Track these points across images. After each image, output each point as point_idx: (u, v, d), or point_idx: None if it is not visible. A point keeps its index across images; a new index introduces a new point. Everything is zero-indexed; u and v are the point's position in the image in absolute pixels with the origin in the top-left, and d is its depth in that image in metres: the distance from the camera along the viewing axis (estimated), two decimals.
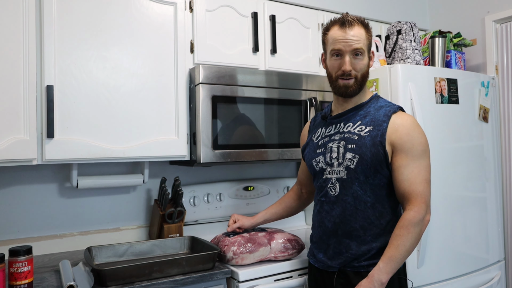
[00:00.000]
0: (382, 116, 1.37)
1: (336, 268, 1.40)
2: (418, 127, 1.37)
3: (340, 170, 1.39)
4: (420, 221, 1.30)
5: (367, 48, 1.40)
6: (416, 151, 1.33)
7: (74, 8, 1.63)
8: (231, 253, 1.59)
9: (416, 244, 1.32)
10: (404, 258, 1.30)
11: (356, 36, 1.36)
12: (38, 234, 1.86)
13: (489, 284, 2.10)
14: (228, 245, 1.62)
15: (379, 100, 1.45)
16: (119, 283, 1.41)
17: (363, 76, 1.40)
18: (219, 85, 1.81)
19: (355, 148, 1.36)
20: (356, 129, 1.39)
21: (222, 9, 1.96)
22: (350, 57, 1.37)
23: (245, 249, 1.59)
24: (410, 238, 1.28)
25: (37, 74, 1.56)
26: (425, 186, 1.32)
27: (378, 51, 2.18)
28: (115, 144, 1.69)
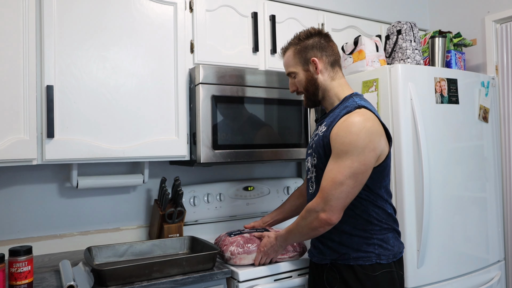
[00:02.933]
0: (338, 117, 1.40)
1: (328, 260, 1.45)
2: (351, 127, 1.34)
3: (313, 170, 1.49)
4: (312, 211, 1.37)
5: (298, 65, 1.51)
6: (336, 150, 1.35)
7: (74, 8, 1.63)
8: (229, 253, 1.61)
9: (306, 232, 1.42)
10: (299, 237, 1.48)
11: (285, 62, 1.57)
12: (38, 234, 1.86)
13: (489, 284, 2.10)
14: (227, 244, 1.64)
15: (348, 100, 1.45)
16: (119, 283, 1.41)
17: (306, 89, 1.51)
18: (219, 85, 1.81)
19: (314, 148, 1.47)
20: (320, 131, 1.47)
21: (222, 9, 1.96)
22: (290, 79, 1.57)
23: (243, 249, 1.60)
24: (302, 223, 1.41)
25: (37, 74, 1.56)
26: (329, 184, 1.33)
27: (378, 51, 2.17)
28: (115, 144, 1.69)
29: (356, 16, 2.39)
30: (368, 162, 1.34)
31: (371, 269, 1.39)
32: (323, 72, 1.49)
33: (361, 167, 1.33)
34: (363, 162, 1.33)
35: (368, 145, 1.33)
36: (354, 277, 1.39)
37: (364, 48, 2.13)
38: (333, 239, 1.45)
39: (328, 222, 1.34)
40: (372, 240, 1.40)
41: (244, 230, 1.72)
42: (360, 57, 2.13)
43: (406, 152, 1.83)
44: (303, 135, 2.03)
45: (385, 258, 1.40)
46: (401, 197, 1.82)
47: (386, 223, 1.43)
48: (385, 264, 1.40)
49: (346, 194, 1.33)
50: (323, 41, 1.50)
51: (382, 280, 1.38)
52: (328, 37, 1.53)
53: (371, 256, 1.39)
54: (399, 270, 1.45)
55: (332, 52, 1.51)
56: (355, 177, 1.33)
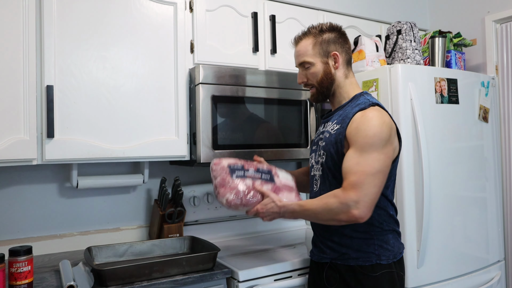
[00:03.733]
0: (351, 114, 1.39)
1: (328, 259, 1.45)
2: (370, 121, 1.33)
3: (318, 167, 1.48)
4: (344, 204, 1.28)
5: (317, 56, 1.46)
6: (360, 143, 1.32)
7: (74, 8, 1.63)
8: (225, 200, 1.45)
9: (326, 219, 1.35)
10: (313, 219, 1.41)
11: (300, 50, 1.50)
12: (38, 234, 1.86)
13: (489, 284, 2.10)
14: (225, 187, 1.46)
15: (359, 98, 1.45)
16: (119, 283, 1.41)
17: (320, 82, 1.47)
18: (219, 85, 1.81)
19: (325, 145, 1.44)
20: (330, 128, 1.45)
21: (222, 9, 1.96)
22: (301, 69, 1.51)
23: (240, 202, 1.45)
24: (327, 209, 1.32)
25: (37, 74, 1.56)
26: (360, 178, 1.28)
27: (378, 51, 2.18)
28: (115, 144, 1.69)
29: (356, 16, 2.39)
30: (390, 155, 1.35)
31: (371, 269, 1.38)
32: (340, 68, 1.48)
33: (386, 160, 1.32)
34: (388, 155, 1.33)
35: (389, 138, 1.34)
36: (354, 277, 1.39)
37: (364, 48, 2.13)
38: (333, 240, 1.45)
39: (357, 220, 1.29)
40: (372, 241, 1.40)
41: (248, 171, 1.52)
42: (360, 57, 2.13)
43: (406, 152, 1.83)
44: (303, 135, 2.03)
45: (385, 258, 1.40)
46: (401, 197, 1.82)
47: (387, 225, 1.43)
48: (385, 264, 1.39)
49: (378, 189, 1.30)
50: (343, 38, 1.51)
51: (382, 280, 1.38)
52: (346, 35, 1.53)
53: (371, 257, 1.39)
54: (399, 270, 1.44)
55: (349, 50, 1.52)
56: (383, 171, 1.31)
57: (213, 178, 1.52)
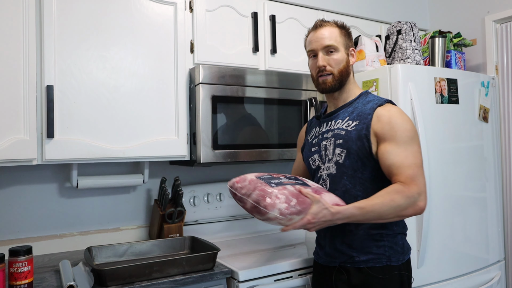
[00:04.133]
0: (368, 110, 1.39)
1: (337, 263, 1.41)
2: (401, 115, 1.37)
3: (330, 166, 1.42)
4: (410, 197, 1.27)
5: (342, 45, 1.44)
6: (400, 137, 1.32)
7: (74, 8, 1.63)
8: (277, 212, 1.21)
9: (391, 217, 1.29)
10: (376, 219, 1.29)
11: (326, 34, 1.44)
12: (38, 234, 1.86)
13: (489, 284, 2.10)
14: (271, 197, 1.22)
15: (368, 96, 1.46)
16: (119, 283, 1.41)
17: (341, 71, 1.43)
18: (219, 85, 1.81)
19: (343, 142, 1.39)
20: (344, 125, 1.42)
21: (222, 9, 1.96)
22: (323, 53, 1.44)
23: (293, 210, 1.22)
24: (392, 206, 1.26)
25: (37, 74, 1.56)
26: (415, 170, 1.30)
27: (378, 51, 2.18)
28: (115, 144, 1.69)
29: (356, 16, 2.39)
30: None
31: (381, 271, 1.36)
32: (353, 65, 1.50)
33: (421, 152, 1.36)
34: (420, 147, 1.37)
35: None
36: (363, 279, 1.36)
37: (364, 48, 2.13)
38: (343, 241, 1.41)
39: (421, 211, 1.30)
40: (383, 243, 1.38)
41: (280, 178, 1.35)
42: (360, 57, 2.13)
43: None
44: None
45: (395, 260, 1.38)
46: None
47: (397, 227, 1.41)
48: (395, 266, 1.37)
49: (425, 179, 1.33)
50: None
51: (391, 283, 1.36)
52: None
53: (381, 258, 1.37)
54: (408, 271, 1.42)
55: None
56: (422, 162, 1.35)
57: (243, 197, 1.27)
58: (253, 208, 1.25)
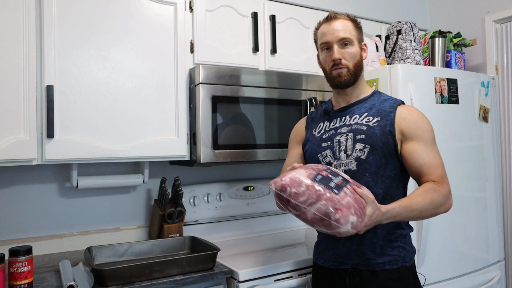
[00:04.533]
0: (388, 107, 1.36)
1: (349, 265, 1.35)
2: (424, 115, 1.38)
3: (349, 162, 1.34)
4: (445, 196, 1.28)
5: (356, 39, 1.40)
6: (428, 137, 1.33)
7: (74, 8, 1.63)
8: (350, 226, 1.08)
9: (428, 215, 1.27)
10: (416, 217, 1.25)
11: (341, 26, 1.39)
12: (38, 234, 1.86)
13: (489, 284, 2.10)
14: (341, 209, 1.08)
15: (381, 94, 1.45)
16: (119, 283, 1.41)
17: (355, 66, 1.39)
18: (219, 85, 1.81)
19: (365, 138, 1.33)
20: (364, 120, 1.37)
21: (222, 9, 1.96)
22: (338, 46, 1.38)
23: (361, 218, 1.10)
24: (432, 204, 1.25)
25: (37, 74, 1.56)
26: (444, 171, 1.32)
27: (378, 51, 2.18)
28: (115, 144, 1.69)
29: (356, 16, 2.39)
30: None
31: (397, 273, 1.32)
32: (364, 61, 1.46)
33: None
34: None
35: None
36: (378, 283, 1.31)
37: None
38: (361, 242, 1.33)
39: (449, 210, 1.32)
40: (397, 243, 1.34)
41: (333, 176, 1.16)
42: None
43: None
44: None
45: (408, 260, 1.35)
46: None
47: (408, 227, 1.40)
48: (408, 266, 1.35)
49: None
50: None
51: (406, 284, 1.33)
52: None
53: (397, 260, 1.33)
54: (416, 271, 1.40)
55: None
56: None
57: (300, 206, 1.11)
58: (318, 220, 1.09)
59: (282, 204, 1.16)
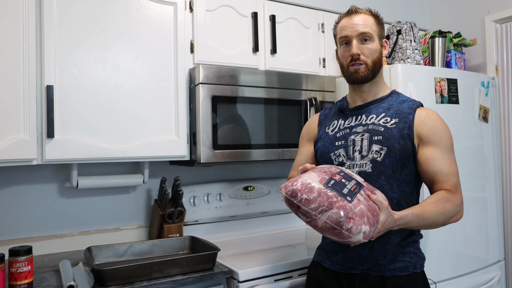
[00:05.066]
0: (406, 109, 1.32)
1: (359, 270, 1.30)
2: (443, 120, 1.33)
3: (363, 163, 1.30)
4: (458, 206, 1.24)
5: (377, 35, 1.36)
6: (446, 143, 1.28)
7: (74, 8, 1.63)
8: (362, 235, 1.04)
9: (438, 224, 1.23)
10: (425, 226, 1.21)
11: (361, 21, 1.35)
12: (38, 234, 1.86)
13: (489, 284, 2.10)
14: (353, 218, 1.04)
15: (400, 95, 1.40)
16: (119, 283, 1.41)
17: (374, 62, 1.34)
18: (219, 85, 1.81)
19: (382, 140, 1.29)
20: (381, 121, 1.32)
21: (222, 9, 1.96)
22: (357, 41, 1.33)
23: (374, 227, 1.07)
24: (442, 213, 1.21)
25: (37, 74, 1.56)
26: (458, 180, 1.28)
27: None
28: (115, 144, 1.69)
29: None
30: None
31: (407, 280, 1.28)
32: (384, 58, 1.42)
33: None
34: None
35: None
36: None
37: None
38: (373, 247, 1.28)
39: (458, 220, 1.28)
40: (408, 249, 1.31)
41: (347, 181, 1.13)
42: None
43: None
44: None
45: (419, 266, 1.32)
46: None
47: (419, 233, 1.36)
48: (419, 273, 1.31)
49: None
50: None
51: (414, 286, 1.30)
52: None
53: (408, 266, 1.29)
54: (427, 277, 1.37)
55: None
56: None
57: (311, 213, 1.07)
58: (329, 229, 1.05)
59: (292, 209, 1.12)
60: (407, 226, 1.19)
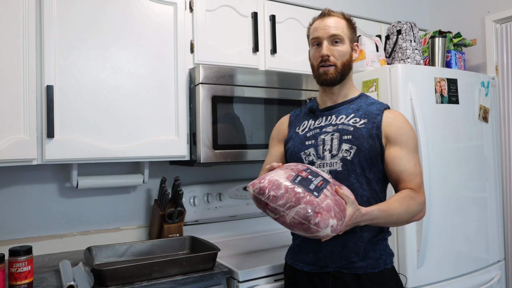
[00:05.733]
0: (375, 110, 1.37)
1: (332, 269, 1.32)
2: (409, 122, 1.39)
3: (334, 162, 1.32)
4: (421, 204, 1.29)
5: (348, 38, 1.39)
6: (411, 144, 1.33)
7: (74, 8, 1.63)
8: (330, 229, 1.05)
9: (403, 221, 1.27)
10: (391, 223, 1.25)
11: (333, 23, 1.38)
12: (38, 234, 1.86)
13: (489, 284, 2.10)
14: (320, 212, 1.05)
15: (368, 97, 1.45)
16: (119, 283, 1.41)
17: (344, 64, 1.37)
18: (219, 85, 1.81)
19: (352, 139, 1.32)
20: (351, 121, 1.36)
21: (222, 9, 1.96)
22: (328, 43, 1.37)
23: (341, 220, 1.08)
24: (407, 211, 1.25)
25: (37, 74, 1.56)
26: (421, 180, 1.33)
27: (378, 51, 2.18)
28: (115, 144, 1.69)
29: (356, 16, 2.39)
30: None
31: (379, 276, 1.31)
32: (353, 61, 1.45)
33: None
34: None
35: None
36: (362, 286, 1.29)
37: (364, 48, 2.13)
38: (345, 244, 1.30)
39: (420, 219, 1.33)
40: (378, 246, 1.34)
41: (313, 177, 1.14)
42: (360, 57, 2.13)
43: None
44: None
45: (389, 262, 1.35)
46: None
47: (387, 230, 1.39)
48: (390, 268, 1.35)
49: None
50: None
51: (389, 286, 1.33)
52: None
53: (379, 262, 1.32)
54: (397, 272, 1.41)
55: None
56: None
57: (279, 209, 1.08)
58: (297, 224, 1.06)
59: (260, 207, 1.13)
60: (373, 222, 1.21)
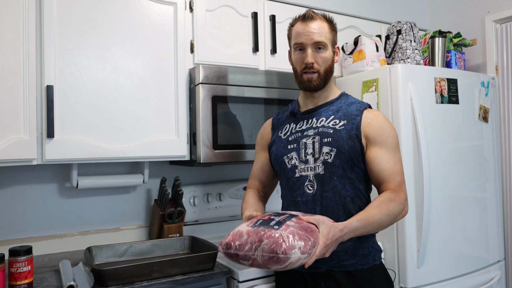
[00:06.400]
0: (354, 111, 1.37)
1: (323, 269, 1.34)
2: (389, 121, 1.39)
3: (317, 166, 1.34)
4: (401, 204, 1.29)
5: (330, 42, 1.39)
6: (391, 143, 1.34)
7: (74, 8, 1.63)
8: (298, 253, 1.05)
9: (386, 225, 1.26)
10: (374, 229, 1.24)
11: (317, 29, 1.37)
12: (38, 234, 1.86)
13: (489, 284, 2.10)
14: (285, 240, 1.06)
15: (348, 97, 1.45)
16: (119, 283, 1.41)
17: (326, 70, 1.39)
18: (219, 85, 1.81)
19: (332, 141, 1.34)
20: (330, 123, 1.37)
21: (222, 9, 1.96)
22: (312, 50, 1.37)
23: (310, 241, 1.08)
24: (387, 214, 1.24)
25: (37, 74, 1.56)
26: (402, 178, 1.33)
27: (378, 51, 2.18)
28: (115, 144, 1.69)
29: (356, 16, 2.39)
30: None
31: (368, 272, 1.34)
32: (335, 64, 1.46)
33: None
34: None
35: None
36: (352, 283, 1.32)
37: (364, 48, 2.13)
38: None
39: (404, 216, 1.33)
40: (367, 243, 1.36)
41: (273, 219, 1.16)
42: (360, 57, 2.13)
43: (406, 152, 1.83)
44: None
45: (378, 258, 1.38)
46: None
47: None
48: (378, 264, 1.38)
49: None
50: None
51: (379, 281, 1.36)
52: None
53: (368, 259, 1.35)
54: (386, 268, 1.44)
55: None
56: None
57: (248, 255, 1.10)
58: (268, 260, 1.07)
59: (234, 261, 1.15)
60: (356, 233, 1.20)
